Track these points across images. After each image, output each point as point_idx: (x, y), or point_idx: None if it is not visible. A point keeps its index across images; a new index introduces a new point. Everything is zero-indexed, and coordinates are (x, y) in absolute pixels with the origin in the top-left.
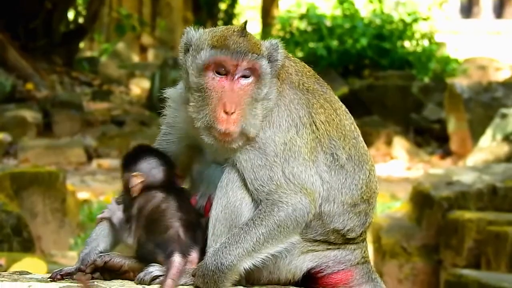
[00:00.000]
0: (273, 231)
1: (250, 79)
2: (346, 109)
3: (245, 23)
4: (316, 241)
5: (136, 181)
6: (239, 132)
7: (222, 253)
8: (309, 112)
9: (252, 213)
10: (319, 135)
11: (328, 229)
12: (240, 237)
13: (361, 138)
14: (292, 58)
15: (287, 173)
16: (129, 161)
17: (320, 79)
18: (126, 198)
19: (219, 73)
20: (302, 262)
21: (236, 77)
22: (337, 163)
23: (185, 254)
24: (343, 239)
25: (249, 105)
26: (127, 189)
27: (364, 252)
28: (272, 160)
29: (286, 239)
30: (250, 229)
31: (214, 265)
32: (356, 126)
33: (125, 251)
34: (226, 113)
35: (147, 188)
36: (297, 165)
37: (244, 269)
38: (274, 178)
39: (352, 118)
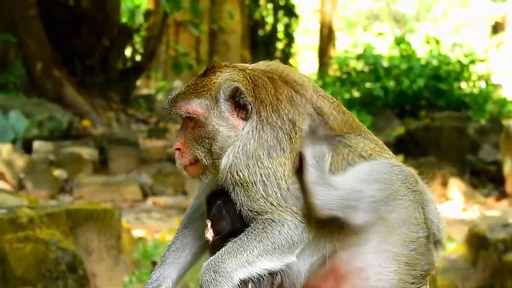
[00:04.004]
0: (267, 247)
1: (193, 120)
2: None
3: (213, 62)
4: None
5: (207, 230)
6: (189, 163)
7: (215, 262)
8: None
9: None
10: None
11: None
12: (233, 249)
13: None
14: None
15: (271, 194)
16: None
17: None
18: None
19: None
20: None
21: (182, 119)
22: None
23: None
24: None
25: (197, 141)
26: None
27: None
28: (252, 187)
29: (282, 257)
30: (244, 242)
31: (208, 274)
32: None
33: None
34: (177, 150)
35: (224, 234)
36: (276, 186)
37: (239, 280)
38: (260, 203)
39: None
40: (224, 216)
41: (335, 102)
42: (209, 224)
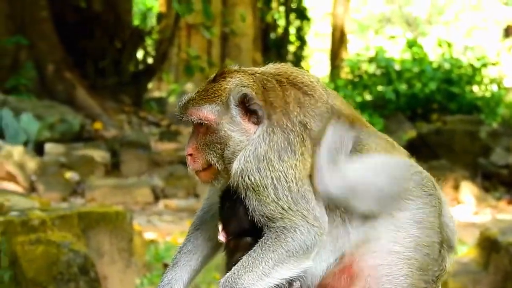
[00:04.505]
0: (282, 256)
1: (204, 126)
2: None
3: (223, 68)
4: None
5: (219, 233)
6: (201, 168)
7: (232, 279)
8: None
9: None
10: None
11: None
12: (249, 263)
13: None
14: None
15: (282, 197)
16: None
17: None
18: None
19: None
20: None
21: (194, 125)
22: None
23: None
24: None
25: (209, 147)
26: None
27: None
28: (264, 191)
29: (298, 264)
30: (258, 254)
31: None
32: None
33: None
34: (189, 155)
35: (237, 235)
36: (286, 189)
37: None
38: (271, 207)
39: None
40: (235, 216)
41: (344, 102)
42: (220, 226)
